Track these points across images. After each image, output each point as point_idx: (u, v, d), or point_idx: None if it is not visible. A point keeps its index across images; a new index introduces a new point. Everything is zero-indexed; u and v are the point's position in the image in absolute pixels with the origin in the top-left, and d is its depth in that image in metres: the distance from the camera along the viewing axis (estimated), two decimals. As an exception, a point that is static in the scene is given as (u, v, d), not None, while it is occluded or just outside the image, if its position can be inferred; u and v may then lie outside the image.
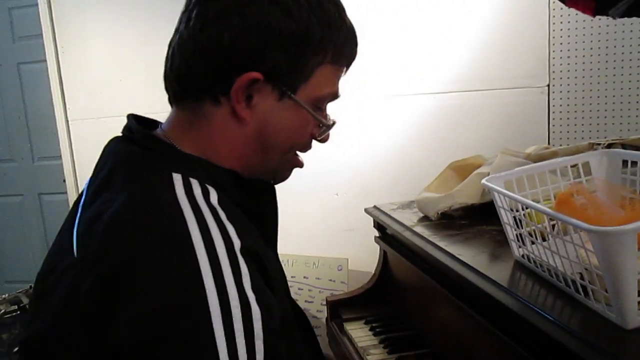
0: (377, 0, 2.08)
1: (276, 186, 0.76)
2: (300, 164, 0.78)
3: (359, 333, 1.28)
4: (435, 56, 2.04)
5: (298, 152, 0.78)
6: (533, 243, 0.82)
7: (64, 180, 2.69)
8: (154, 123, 0.74)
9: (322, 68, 0.70)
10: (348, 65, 0.76)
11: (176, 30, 0.69)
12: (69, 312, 0.57)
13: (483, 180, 0.90)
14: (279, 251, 0.84)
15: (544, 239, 0.79)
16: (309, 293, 2.37)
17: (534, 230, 0.80)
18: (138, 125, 0.70)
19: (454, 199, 1.21)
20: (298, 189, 2.32)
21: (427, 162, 1.82)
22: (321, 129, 0.75)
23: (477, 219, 1.17)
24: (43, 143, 2.99)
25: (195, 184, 0.61)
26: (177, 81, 0.69)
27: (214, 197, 0.61)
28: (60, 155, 2.68)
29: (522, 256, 0.88)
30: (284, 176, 0.79)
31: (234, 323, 0.52)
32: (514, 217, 0.86)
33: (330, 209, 2.31)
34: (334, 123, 0.77)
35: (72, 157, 2.65)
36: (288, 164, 0.77)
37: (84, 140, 2.62)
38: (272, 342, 0.54)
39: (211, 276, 0.53)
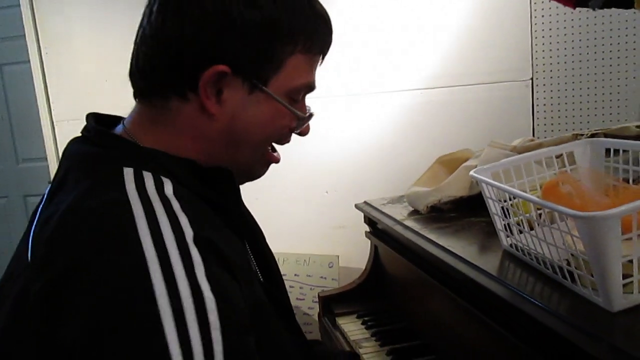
0: (363, -2, 2.09)
1: (266, 184, 0.74)
2: (276, 160, 0.77)
3: (351, 327, 1.29)
4: (419, 52, 2.06)
5: (276, 147, 0.76)
6: (521, 232, 0.84)
7: (50, 182, 2.67)
8: (117, 120, 0.72)
9: (294, 58, 0.68)
10: (323, 53, 0.74)
11: (140, 26, 0.68)
12: (19, 315, 0.56)
13: (471, 172, 0.92)
14: (271, 249, 0.83)
15: (531, 228, 0.81)
16: (300, 290, 2.38)
17: (522, 220, 0.82)
18: (96, 124, 0.69)
19: (442, 192, 1.23)
20: (288, 188, 2.33)
21: (416, 157, 1.84)
22: (298, 122, 0.73)
23: (465, 211, 1.19)
24: (28, 144, 2.96)
25: (147, 177, 0.60)
26: (142, 78, 0.67)
27: (168, 188, 0.60)
28: (46, 157, 2.65)
29: (511, 245, 0.90)
30: (259, 172, 0.77)
31: (185, 315, 0.50)
32: (502, 208, 0.87)
33: (320, 207, 2.32)
34: (310, 115, 0.75)
35: (58, 158, 2.63)
36: (263, 159, 0.75)
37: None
38: (232, 331, 0.52)
39: (159, 270, 0.51)
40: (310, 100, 0.77)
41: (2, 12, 2.86)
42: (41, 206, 0.66)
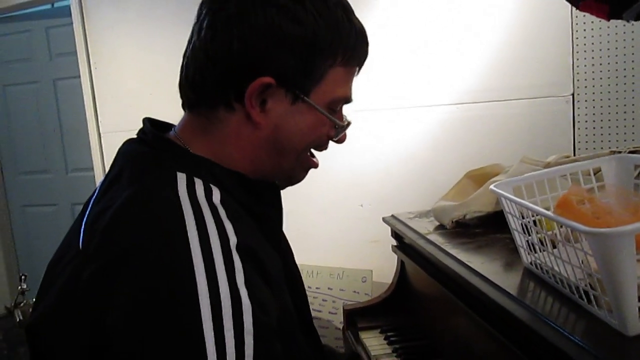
0: (398, 11, 2.09)
1: (302, 196, 0.77)
2: (315, 165, 0.80)
3: (373, 342, 1.27)
4: (456, 66, 2.04)
5: (314, 152, 0.79)
6: (543, 250, 0.81)
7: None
8: (169, 126, 0.77)
9: (333, 70, 0.71)
10: (360, 65, 0.77)
11: (189, 41, 0.72)
12: (68, 299, 0.60)
13: (491, 186, 0.89)
14: (304, 262, 0.85)
15: (554, 246, 0.78)
16: (333, 304, 2.37)
17: (544, 237, 0.79)
18: (152, 127, 0.73)
19: (468, 207, 1.20)
20: (323, 200, 2.34)
21: (451, 172, 1.80)
22: (336, 130, 0.76)
23: (491, 227, 1.16)
24: (76, 155, 3.10)
25: (198, 183, 0.64)
26: (191, 90, 0.71)
27: (216, 196, 0.63)
28: (93, 167, 2.77)
29: (531, 263, 0.87)
30: (299, 177, 0.80)
31: (223, 317, 0.53)
32: (522, 224, 0.85)
33: (355, 220, 2.31)
34: (348, 124, 0.78)
35: (104, 168, 2.74)
36: (303, 164, 0.78)
37: (114, 152, 2.68)
38: (263, 337, 0.55)
39: (203, 271, 0.54)
40: (348, 114, 0.80)
41: (56, 30, 3.03)
42: (93, 199, 0.70)
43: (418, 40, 2.07)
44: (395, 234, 1.39)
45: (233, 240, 0.59)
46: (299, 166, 0.77)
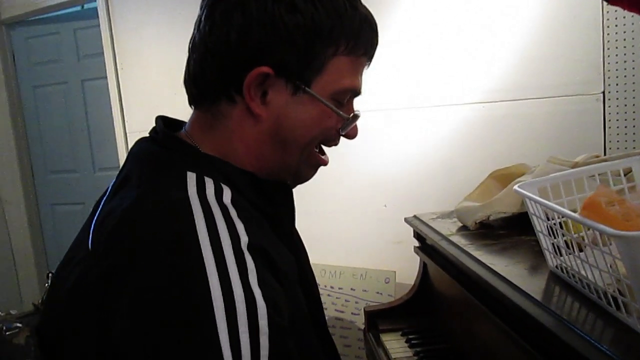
0: (423, 8, 2.06)
1: (324, 196, 0.75)
2: (324, 162, 0.77)
3: (394, 345, 1.25)
4: (483, 64, 1.99)
5: (325, 149, 0.77)
6: (569, 254, 0.78)
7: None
8: (181, 124, 0.76)
9: (336, 60, 0.69)
10: (368, 55, 0.74)
11: (192, 35, 0.71)
12: (76, 300, 0.59)
13: (515, 187, 0.87)
14: (327, 262, 0.83)
15: (581, 250, 0.75)
16: (356, 305, 2.35)
17: (570, 240, 0.76)
18: (164, 126, 0.72)
19: (492, 208, 1.17)
20: (346, 200, 2.32)
21: (477, 172, 1.76)
22: (344, 123, 0.73)
23: (516, 228, 1.13)
24: (103, 155, 3.14)
25: (209, 183, 0.63)
26: (194, 84, 0.70)
27: (227, 196, 0.62)
28: (119, 166, 2.80)
29: (557, 267, 0.84)
30: (307, 175, 0.78)
31: (237, 318, 0.52)
32: (547, 226, 0.82)
33: (378, 220, 2.28)
34: (355, 116, 0.74)
35: (130, 168, 2.77)
36: (310, 161, 0.75)
37: (140, 152, 2.73)
38: (278, 338, 0.54)
39: (215, 272, 0.53)
40: (372, 113, 0.77)
41: (84, 31, 3.08)
42: (104, 199, 0.70)
43: (443, 37, 2.04)
44: (417, 235, 1.37)
45: (244, 239, 0.58)
46: (304, 163, 0.75)
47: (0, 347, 0.65)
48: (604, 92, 1.84)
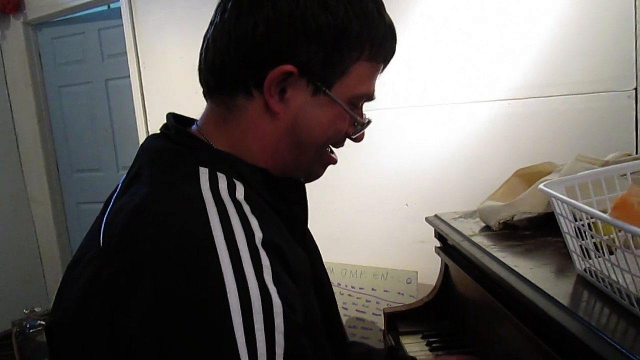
0: (446, 3, 2.01)
1: (346, 194, 0.74)
2: (334, 161, 0.76)
3: (414, 347, 1.21)
4: (508, 60, 1.94)
5: (332, 149, 0.76)
6: (599, 257, 0.73)
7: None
8: (192, 121, 0.75)
9: (359, 65, 0.68)
10: (385, 62, 0.73)
11: (211, 23, 0.69)
12: (88, 300, 0.58)
13: (540, 185, 0.82)
14: (347, 261, 0.81)
15: (611, 252, 0.71)
16: (377, 305, 2.32)
17: (600, 242, 0.72)
18: (175, 122, 0.71)
19: (516, 207, 1.13)
20: (367, 199, 2.29)
21: (502, 171, 1.71)
22: (356, 128, 0.73)
23: (542, 229, 1.08)
24: (126, 153, 3.18)
25: (222, 179, 0.61)
26: (211, 74, 0.68)
27: (240, 192, 0.61)
28: (141, 165, 2.83)
29: (585, 270, 0.80)
30: (317, 173, 0.77)
31: (253, 316, 0.51)
32: (575, 227, 0.77)
33: (400, 219, 2.25)
34: (369, 122, 0.73)
35: (152, 166, 2.78)
36: (322, 160, 0.75)
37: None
38: (293, 335, 0.53)
39: (231, 268, 0.52)
40: (394, 110, 0.76)
41: (108, 31, 3.11)
42: (115, 196, 0.69)
43: (467, 32, 1.99)
44: (439, 235, 1.33)
45: (258, 235, 0.56)
46: (317, 162, 0.74)
47: (24, 344, 0.64)
48: (636, 89, 1.77)
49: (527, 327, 0.83)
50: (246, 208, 0.59)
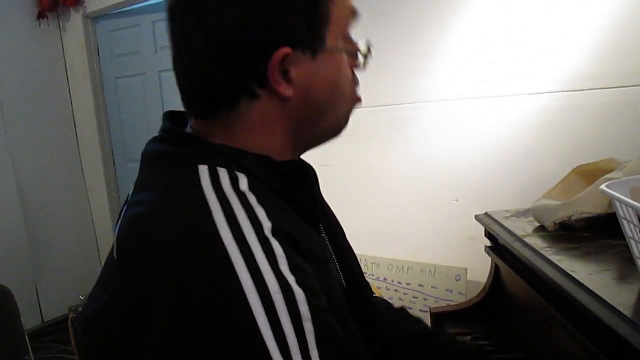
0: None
1: (392, 188, 0.70)
2: (360, 98, 0.73)
3: (462, 350, 1.17)
4: (565, 50, 1.84)
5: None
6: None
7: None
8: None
9: (334, 2, 0.65)
10: None
11: (174, 61, 0.65)
12: (108, 302, 0.58)
13: (602, 186, 0.77)
14: (394, 256, 0.78)
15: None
16: (424, 302, 2.28)
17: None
18: (170, 123, 0.69)
19: (575, 207, 1.06)
20: (415, 193, 2.24)
21: (556, 166, 1.63)
22: (357, 59, 0.70)
23: (602, 231, 1.02)
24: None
25: (222, 173, 0.59)
26: (209, 100, 0.64)
27: (243, 183, 0.59)
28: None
29: (651, 278, 0.74)
30: (350, 116, 0.73)
31: (276, 309, 0.49)
32: (640, 231, 0.72)
33: (449, 215, 2.19)
34: (369, 49, 0.71)
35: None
36: (353, 103, 0.72)
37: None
38: (321, 320, 0.52)
39: (244, 265, 0.50)
40: (443, 102, 0.72)
41: (161, 23, 3.17)
42: (125, 206, 0.68)
43: (521, 21, 1.89)
44: (489, 234, 1.28)
45: (267, 225, 0.54)
46: (351, 106, 0.72)
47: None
48: None
49: (584, 336, 0.78)
50: (251, 198, 0.57)
